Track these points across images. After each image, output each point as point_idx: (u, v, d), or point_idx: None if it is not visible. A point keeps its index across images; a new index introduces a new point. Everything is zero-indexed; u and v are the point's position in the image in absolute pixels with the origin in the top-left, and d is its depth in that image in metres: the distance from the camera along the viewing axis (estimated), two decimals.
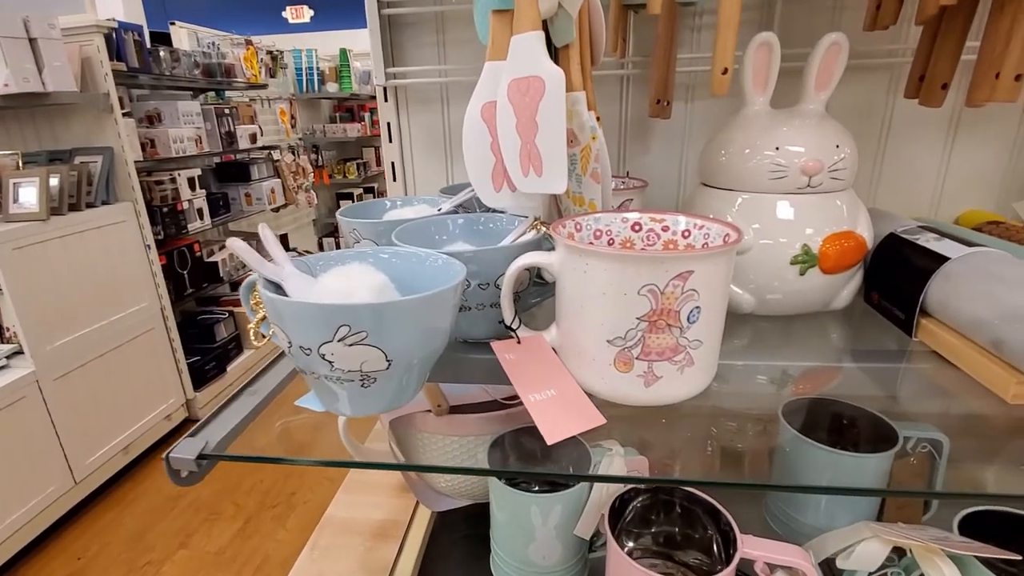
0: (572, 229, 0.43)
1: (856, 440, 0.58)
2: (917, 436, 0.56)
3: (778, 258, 0.48)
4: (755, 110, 0.51)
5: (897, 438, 0.55)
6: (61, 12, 1.97)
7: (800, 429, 0.57)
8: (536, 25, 0.40)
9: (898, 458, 0.57)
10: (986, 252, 0.43)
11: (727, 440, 0.65)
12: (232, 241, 0.35)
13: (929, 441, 0.56)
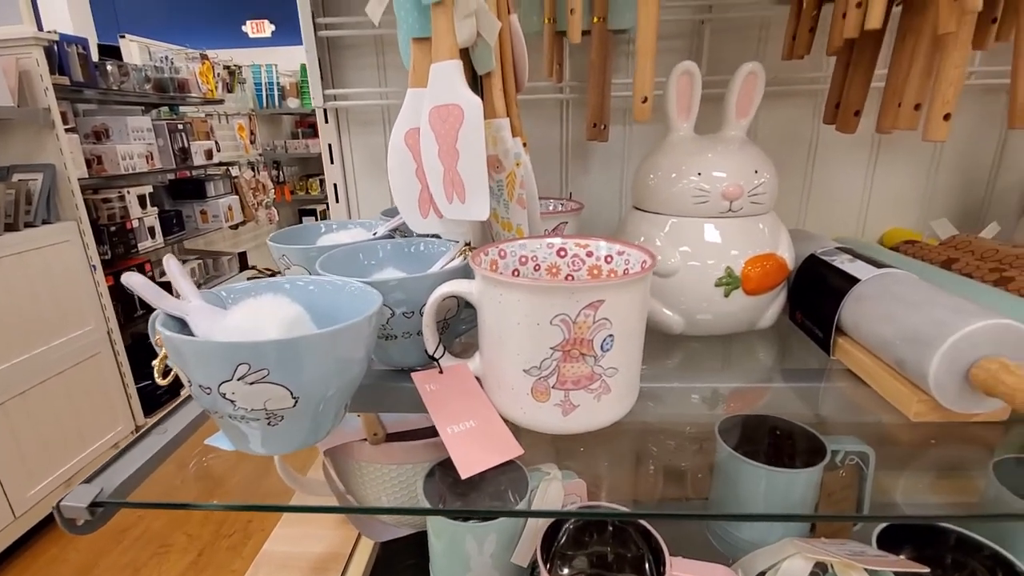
0: (496, 256, 0.43)
1: (789, 455, 0.60)
2: (845, 449, 0.58)
3: (704, 280, 0.49)
4: (680, 136, 0.52)
5: (826, 452, 0.57)
6: (6, 23, 1.90)
7: (735, 446, 0.58)
8: (454, 54, 0.40)
9: (829, 471, 0.58)
10: (893, 274, 0.45)
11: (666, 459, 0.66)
12: (128, 276, 0.34)
13: (856, 454, 0.58)
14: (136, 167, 2.26)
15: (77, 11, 3.63)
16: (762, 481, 0.56)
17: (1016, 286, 0.47)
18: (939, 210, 0.75)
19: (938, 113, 0.41)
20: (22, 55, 1.84)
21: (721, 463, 0.59)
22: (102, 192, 2.18)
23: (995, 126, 0.71)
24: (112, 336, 2.11)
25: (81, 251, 2.00)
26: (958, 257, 0.54)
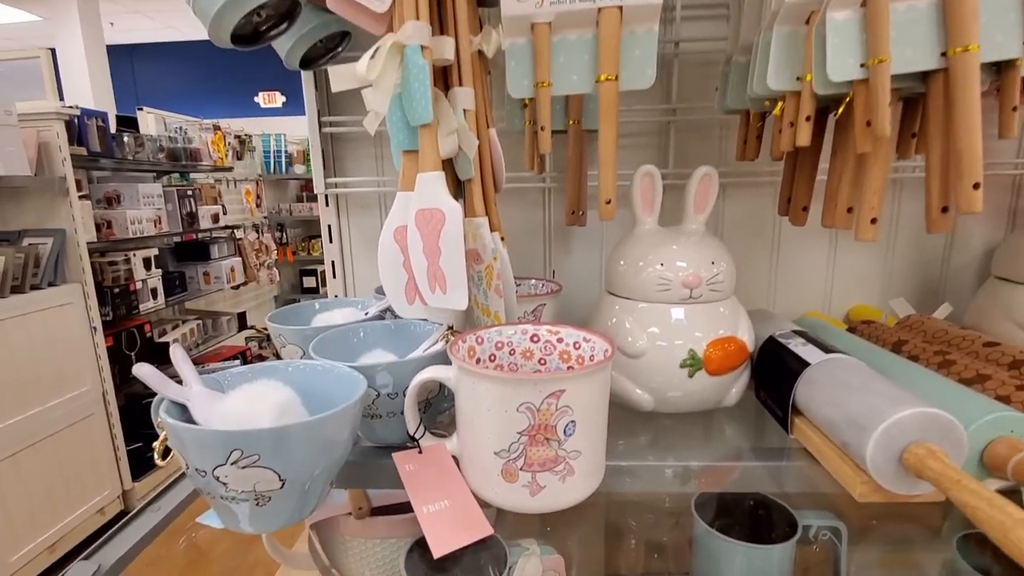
0: (473, 343, 0.47)
1: (766, 529, 0.61)
2: (817, 524, 0.60)
3: (670, 362, 0.53)
4: (645, 229, 0.58)
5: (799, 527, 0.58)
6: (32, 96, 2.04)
7: (712, 520, 0.60)
8: (437, 166, 0.46)
9: (804, 546, 0.60)
10: (840, 359, 0.49)
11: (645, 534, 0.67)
12: (138, 367, 0.37)
13: (829, 528, 0.60)
14: (144, 231, 2.34)
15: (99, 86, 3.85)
16: (738, 556, 0.57)
17: (956, 369, 0.51)
18: (899, 287, 0.80)
19: (866, 217, 0.46)
20: (43, 127, 1.96)
21: (698, 538, 0.61)
22: (109, 255, 2.25)
23: None
24: (107, 397, 2.11)
25: (83, 313, 2.04)
26: (908, 339, 0.58)
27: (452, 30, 0.47)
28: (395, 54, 0.43)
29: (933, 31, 0.41)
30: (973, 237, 0.78)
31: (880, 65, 0.40)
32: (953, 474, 0.35)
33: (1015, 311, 0.60)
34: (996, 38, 0.40)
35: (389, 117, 0.47)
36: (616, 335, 0.56)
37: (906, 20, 0.41)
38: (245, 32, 0.54)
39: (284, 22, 0.56)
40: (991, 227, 0.78)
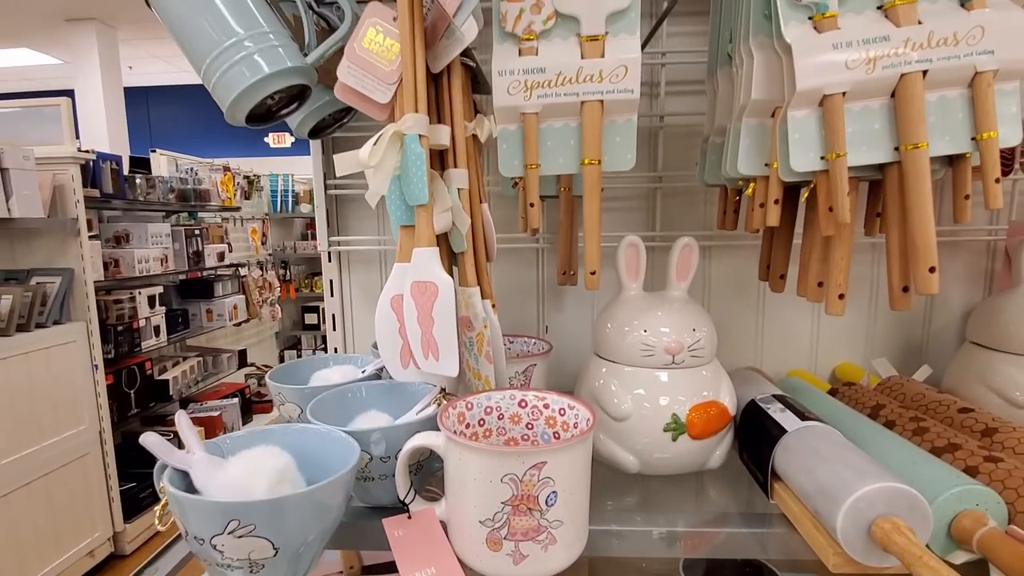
0: (463, 408, 0.49)
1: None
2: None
3: (654, 425, 0.55)
4: (630, 295, 0.61)
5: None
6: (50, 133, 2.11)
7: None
8: (432, 242, 0.49)
9: None
10: (815, 428, 0.51)
11: None
12: (145, 437, 0.40)
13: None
14: (150, 270, 2.38)
15: (115, 127, 3.99)
16: None
17: (930, 437, 0.53)
18: (882, 346, 0.82)
19: (833, 294, 0.49)
20: (59, 171, 2.03)
21: None
22: (115, 293, 2.29)
23: None
24: (103, 436, 2.11)
25: (86, 351, 2.06)
26: (886, 403, 0.61)
27: (448, 118, 0.51)
28: (396, 142, 0.47)
29: (886, 128, 0.44)
30: (952, 299, 0.81)
31: (838, 159, 0.44)
32: (916, 550, 0.36)
33: (988, 376, 0.62)
34: (945, 136, 0.44)
35: (389, 195, 0.50)
36: (602, 397, 0.58)
37: (861, 118, 0.44)
38: (259, 113, 0.58)
39: (295, 102, 0.60)
40: (969, 290, 0.81)
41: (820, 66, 0.43)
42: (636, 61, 0.48)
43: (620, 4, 0.48)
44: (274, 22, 0.55)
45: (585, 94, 0.49)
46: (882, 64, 0.42)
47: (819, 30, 0.43)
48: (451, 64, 0.50)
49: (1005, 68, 0.43)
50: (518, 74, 0.49)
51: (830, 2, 0.43)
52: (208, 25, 0.53)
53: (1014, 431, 0.52)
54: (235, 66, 0.53)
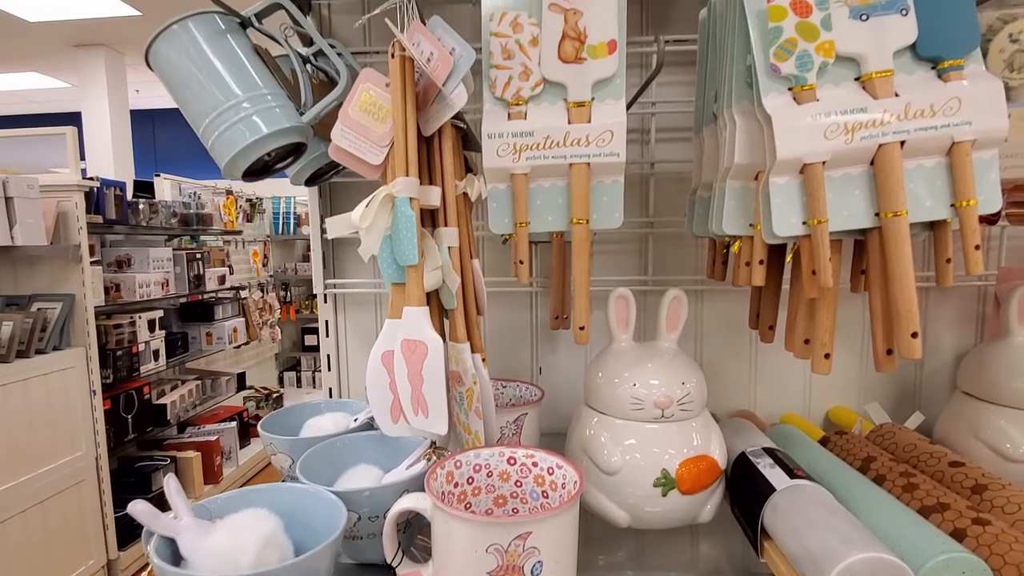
0: (452, 467, 0.49)
1: None
2: None
3: (643, 480, 0.55)
4: (621, 346, 0.61)
5: None
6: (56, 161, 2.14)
7: None
8: (421, 302, 0.50)
9: None
10: (803, 487, 0.51)
11: None
12: (133, 505, 0.40)
13: None
14: (151, 294, 2.39)
15: (120, 150, 4.05)
16: None
17: (919, 495, 0.53)
18: (876, 389, 0.82)
19: (819, 353, 0.49)
20: (63, 198, 2.05)
21: None
22: (115, 317, 2.29)
23: None
24: (99, 462, 2.10)
25: (85, 376, 2.06)
26: (876, 456, 0.60)
27: (439, 179, 0.52)
28: (387, 204, 0.48)
29: (867, 195, 0.45)
30: (944, 343, 0.81)
31: (819, 225, 0.45)
32: None
33: (978, 428, 0.62)
34: (925, 203, 0.45)
35: (380, 254, 0.51)
36: (592, 449, 0.58)
37: (842, 185, 0.45)
38: (255, 168, 0.59)
39: (290, 156, 0.62)
40: (961, 333, 0.81)
41: (799, 136, 0.44)
42: (621, 126, 0.49)
43: (606, 72, 0.49)
44: (272, 83, 0.56)
45: (572, 157, 0.50)
46: (860, 135, 0.43)
47: (799, 101, 0.45)
48: (442, 126, 0.52)
49: (983, 138, 0.44)
50: (507, 137, 0.50)
51: (808, 75, 0.44)
52: (209, 86, 0.54)
53: (1003, 489, 0.52)
54: (234, 126, 0.54)
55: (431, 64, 0.49)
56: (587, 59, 0.49)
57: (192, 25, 0.55)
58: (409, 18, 0.52)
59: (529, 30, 0.49)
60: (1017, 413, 0.59)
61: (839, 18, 0.44)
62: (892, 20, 0.44)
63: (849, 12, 0.44)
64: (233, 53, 0.55)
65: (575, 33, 0.48)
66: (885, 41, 0.44)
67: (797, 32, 0.44)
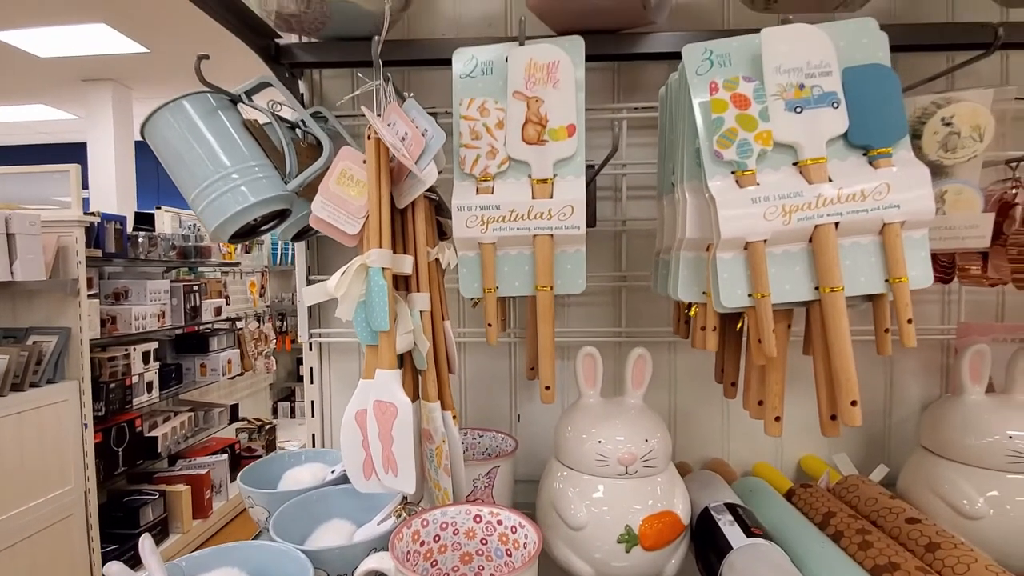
0: (419, 526, 0.51)
1: None
2: None
3: (608, 536, 0.57)
4: (589, 402, 0.64)
5: None
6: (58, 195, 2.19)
7: None
8: (393, 365, 0.52)
9: None
10: (757, 546, 0.52)
11: None
12: (109, 567, 0.42)
13: None
14: (147, 326, 2.41)
15: (123, 181, 4.13)
16: None
17: (873, 553, 0.54)
18: (845, 438, 0.84)
19: (770, 416, 0.52)
20: (64, 233, 2.09)
21: None
22: (110, 350, 2.31)
23: (879, 369, 0.84)
24: (88, 496, 2.09)
25: (77, 410, 2.07)
26: (837, 511, 0.62)
27: (412, 247, 0.56)
28: (361, 273, 0.52)
29: (807, 270, 0.49)
30: (911, 394, 0.84)
31: (762, 299, 0.48)
32: None
33: (936, 483, 0.64)
34: (860, 278, 0.48)
35: (355, 318, 0.54)
36: (559, 504, 0.60)
37: (783, 261, 0.49)
38: (242, 231, 0.63)
39: (275, 220, 0.65)
40: (927, 383, 0.84)
41: (740, 217, 0.47)
42: (581, 202, 0.53)
43: (566, 153, 0.53)
44: (259, 155, 0.60)
45: (536, 229, 0.53)
46: (796, 216, 0.47)
47: (740, 185, 0.48)
48: (415, 198, 0.55)
49: (912, 219, 0.47)
50: (475, 210, 0.54)
51: (748, 160, 0.48)
52: (200, 159, 0.58)
53: (955, 548, 0.54)
54: (223, 195, 0.58)
55: (405, 143, 0.53)
56: (548, 141, 0.53)
57: (187, 103, 0.59)
58: (386, 99, 0.56)
59: (495, 114, 0.54)
60: (972, 470, 0.62)
61: (776, 110, 0.48)
62: (824, 112, 0.48)
63: (784, 105, 0.48)
64: (224, 128, 0.59)
65: (537, 118, 0.52)
66: (818, 131, 0.48)
67: (737, 123, 0.48)
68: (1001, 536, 0.59)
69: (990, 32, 0.54)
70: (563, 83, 0.52)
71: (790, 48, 0.48)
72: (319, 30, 0.71)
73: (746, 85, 0.49)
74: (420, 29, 0.83)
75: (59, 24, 3.48)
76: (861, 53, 0.49)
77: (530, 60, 0.52)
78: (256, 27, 0.71)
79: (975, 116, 0.53)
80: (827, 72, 0.48)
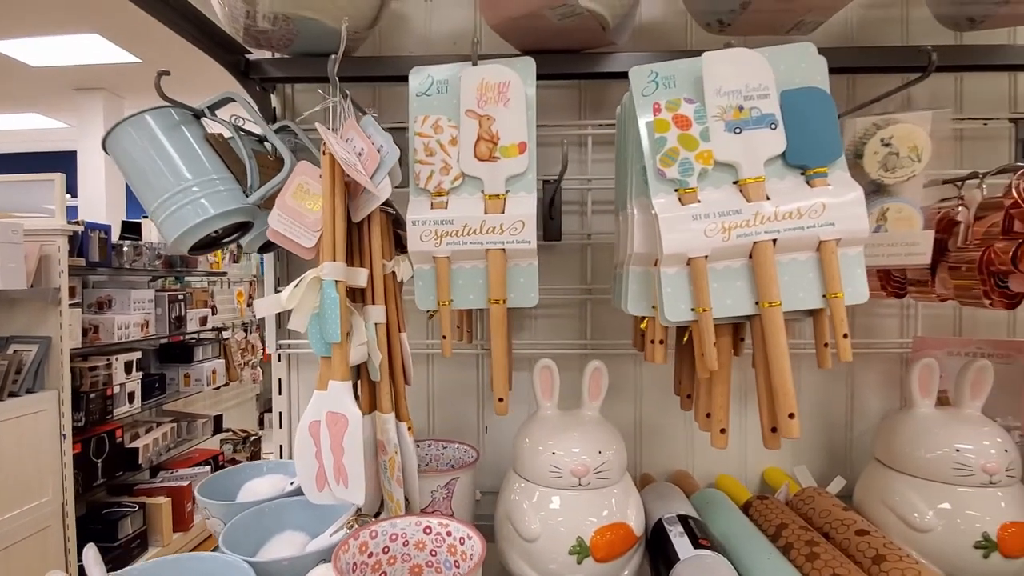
0: (367, 538, 0.51)
1: None
2: None
3: (559, 548, 0.57)
4: (546, 414, 0.64)
5: None
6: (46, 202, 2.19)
7: None
8: (345, 376, 0.53)
9: None
10: (702, 558, 0.53)
11: None
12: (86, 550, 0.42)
13: None
14: (130, 336, 2.40)
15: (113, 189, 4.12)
16: None
17: (819, 564, 0.55)
18: (808, 449, 0.85)
19: (715, 428, 0.53)
20: (47, 242, 2.09)
21: None
22: (91, 359, 2.29)
23: (840, 382, 0.85)
24: (66, 508, 2.06)
25: (56, 420, 2.05)
26: (789, 523, 0.63)
27: (368, 260, 0.57)
28: (315, 285, 0.52)
29: (747, 285, 0.50)
30: (871, 406, 0.85)
31: (704, 313, 0.49)
32: None
33: (887, 496, 0.65)
34: (799, 293, 0.50)
35: (310, 329, 0.55)
36: (514, 516, 0.60)
37: (724, 276, 0.50)
38: (204, 243, 0.64)
39: (237, 232, 0.66)
40: (887, 397, 0.85)
41: (682, 233, 0.49)
42: (532, 217, 0.54)
43: (517, 169, 0.54)
44: (221, 168, 0.61)
45: (488, 243, 0.55)
46: (736, 233, 0.48)
47: (682, 202, 0.50)
48: (371, 212, 0.56)
49: (847, 237, 0.49)
50: (429, 224, 0.55)
51: (690, 179, 0.49)
52: (161, 172, 0.59)
53: (899, 560, 0.55)
54: (183, 208, 0.59)
55: (361, 159, 0.55)
56: (500, 158, 0.54)
57: (149, 117, 0.60)
58: (345, 115, 0.58)
59: (448, 131, 0.55)
60: (921, 483, 0.62)
61: (716, 131, 0.50)
62: (762, 133, 0.49)
63: (724, 126, 0.50)
64: (185, 142, 0.60)
65: (489, 135, 0.54)
66: (756, 151, 0.49)
67: (679, 143, 0.50)
68: (951, 548, 0.59)
69: (925, 56, 0.56)
70: (513, 102, 0.54)
71: (730, 71, 0.50)
72: (288, 46, 0.72)
73: (687, 106, 0.50)
74: (390, 46, 0.85)
75: (52, 34, 3.50)
76: (800, 76, 0.51)
77: (482, 80, 0.54)
78: (225, 43, 0.72)
79: (912, 137, 0.55)
80: (765, 95, 0.50)
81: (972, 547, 0.58)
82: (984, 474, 0.59)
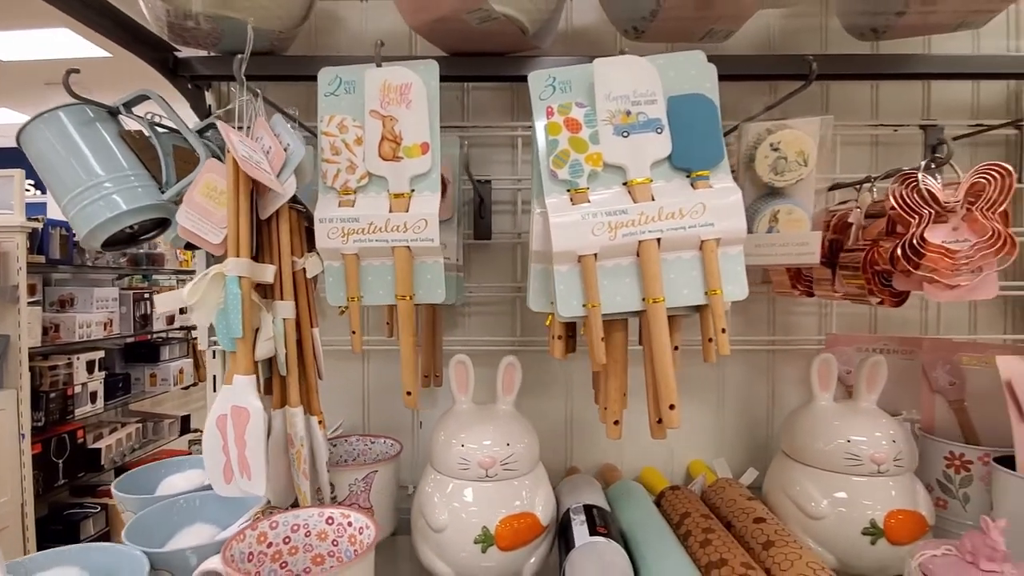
0: (267, 528, 0.53)
1: None
2: None
3: (465, 537, 0.59)
4: (461, 408, 0.66)
5: None
6: None
7: None
8: (249, 371, 0.54)
9: None
10: (595, 544, 0.55)
11: None
12: None
13: None
14: (92, 335, 2.37)
15: None
16: None
17: (710, 550, 0.58)
18: (732, 442, 0.88)
19: (609, 419, 0.55)
20: (5, 239, 2.06)
21: None
22: (52, 358, 2.26)
23: (763, 376, 0.88)
24: (25, 509, 2.03)
25: (14, 419, 2.02)
26: (692, 512, 0.65)
27: (276, 256, 0.58)
28: (218, 281, 0.53)
29: (636, 282, 0.52)
30: (791, 401, 0.88)
31: (593, 309, 0.51)
32: None
33: (788, 486, 0.67)
34: (684, 290, 0.52)
35: (217, 324, 0.56)
36: (425, 507, 0.62)
37: (613, 273, 0.52)
38: (119, 239, 0.64)
39: (156, 229, 0.67)
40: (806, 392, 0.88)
41: (571, 232, 0.51)
42: (434, 216, 0.55)
43: (421, 169, 0.56)
44: (136, 165, 0.62)
45: (393, 241, 0.56)
46: (621, 232, 0.50)
47: (573, 202, 0.52)
48: (280, 209, 0.57)
49: (726, 237, 0.51)
50: (336, 222, 0.56)
51: (580, 180, 0.51)
52: (73, 168, 0.60)
53: (786, 545, 0.57)
54: (95, 203, 0.59)
55: (269, 157, 0.56)
56: (403, 158, 0.56)
57: (62, 114, 0.60)
58: (256, 114, 0.59)
59: (353, 131, 0.56)
60: (818, 473, 0.65)
61: (605, 134, 0.52)
62: (649, 137, 0.52)
63: (613, 130, 0.52)
64: (99, 138, 0.61)
65: (392, 136, 0.55)
66: (643, 154, 0.51)
67: (570, 145, 0.52)
68: (841, 535, 0.62)
69: (806, 64, 0.59)
70: (415, 104, 0.55)
71: (619, 77, 0.52)
72: (216, 44, 0.73)
73: (578, 110, 0.52)
74: (325, 45, 0.86)
75: (21, 28, 3.44)
76: (689, 83, 0.53)
77: (384, 81, 0.55)
78: (151, 42, 0.72)
79: (798, 142, 0.58)
80: (652, 100, 0.52)
81: (860, 534, 0.61)
82: (873, 464, 0.61)
